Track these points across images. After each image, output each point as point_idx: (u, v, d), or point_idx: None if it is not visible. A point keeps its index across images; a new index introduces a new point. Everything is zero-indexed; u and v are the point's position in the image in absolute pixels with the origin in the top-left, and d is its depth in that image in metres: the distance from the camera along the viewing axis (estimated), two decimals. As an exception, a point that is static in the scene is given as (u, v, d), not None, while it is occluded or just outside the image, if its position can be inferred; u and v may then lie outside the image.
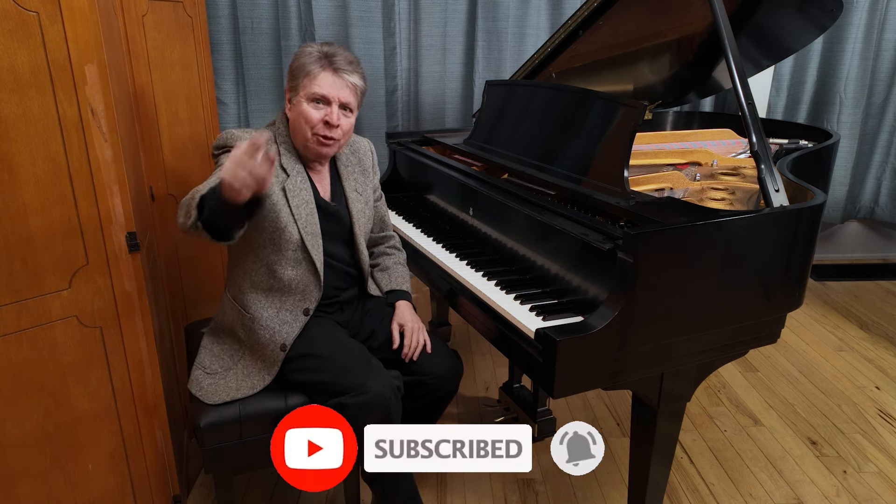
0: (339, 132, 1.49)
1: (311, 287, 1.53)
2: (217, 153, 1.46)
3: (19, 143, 1.26)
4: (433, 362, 1.60)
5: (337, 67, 1.46)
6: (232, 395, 1.46)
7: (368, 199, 1.68)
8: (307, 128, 1.47)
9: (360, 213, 1.63)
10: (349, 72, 1.47)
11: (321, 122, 1.46)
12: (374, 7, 2.95)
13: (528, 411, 2.11)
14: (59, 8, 1.24)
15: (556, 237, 1.46)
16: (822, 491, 1.91)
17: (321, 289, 1.54)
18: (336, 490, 1.89)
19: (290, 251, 1.49)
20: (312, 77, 1.45)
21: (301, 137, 1.50)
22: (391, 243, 1.81)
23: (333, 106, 1.46)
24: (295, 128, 1.51)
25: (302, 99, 1.46)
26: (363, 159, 1.69)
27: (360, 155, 1.69)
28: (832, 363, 2.67)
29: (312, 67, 1.45)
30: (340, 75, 1.46)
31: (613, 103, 1.60)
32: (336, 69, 1.46)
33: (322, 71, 1.45)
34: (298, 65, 1.47)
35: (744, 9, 2.06)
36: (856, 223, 3.83)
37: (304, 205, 1.50)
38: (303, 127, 1.47)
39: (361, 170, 1.68)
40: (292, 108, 1.50)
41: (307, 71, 1.45)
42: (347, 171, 1.64)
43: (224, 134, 1.45)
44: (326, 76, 1.45)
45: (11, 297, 1.32)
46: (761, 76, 3.22)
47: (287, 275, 1.50)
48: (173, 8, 1.97)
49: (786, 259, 1.41)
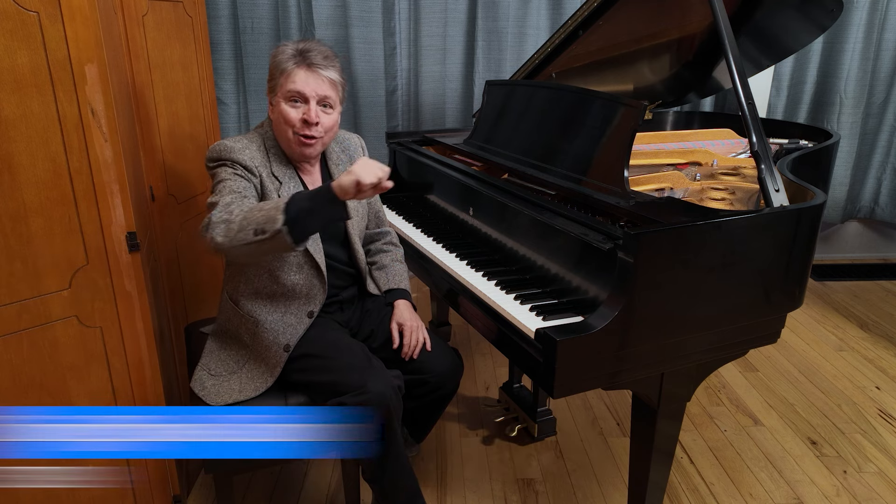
0: (319, 130, 1.47)
1: (315, 289, 1.53)
2: (213, 166, 1.45)
3: (19, 143, 1.26)
4: (433, 361, 1.60)
5: (311, 63, 1.44)
6: (235, 398, 1.46)
7: None
8: (287, 128, 1.46)
9: (353, 210, 1.62)
10: (324, 67, 1.46)
11: (300, 120, 1.45)
12: (374, 7, 2.95)
13: (529, 411, 2.11)
14: (59, 8, 1.24)
15: (557, 237, 1.46)
16: (822, 491, 1.91)
17: (326, 290, 1.54)
18: (336, 490, 1.89)
19: (292, 256, 1.49)
20: (288, 75, 1.44)
21: (284, 139, 1.49)
22: (387, 239, 1.81)
23: (311, 103, 1.45)
24: (277, 129, 1.50)
25: (280, 99, 1.46)
26: (354, 156, 1.69)
27: (350, 152, 1.69)
28: (832, 363, 2.67)
29: (287, 65, 1.45)
30: (315, 71, 1.45)
31: (613, 103, 1.60)
32: (310, 65, 1.44)
33: (297, 68, 1.44)
34: (274, 64, 1.47)
35: (744, 9, 2.06)
36: (856, 223, 3.83)
37: None
38: (283, 127, 1.47)
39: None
40: (273, 110, 1.50)
41: (282, 69, 1.45)
42: (339, 170, 1.64)
43: (217, 146, 1.44)
44: (300, 73, 1.44)
45: (11, 297, 1.32)
46: (761, 76, 3.22)
47: (291, 280, 1.50)
48: (173, 8, 1.97)
49: (786, 259, 1.41)
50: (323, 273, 1.52)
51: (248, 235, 1.23)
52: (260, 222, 1.22)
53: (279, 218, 1.19)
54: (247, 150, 1.45)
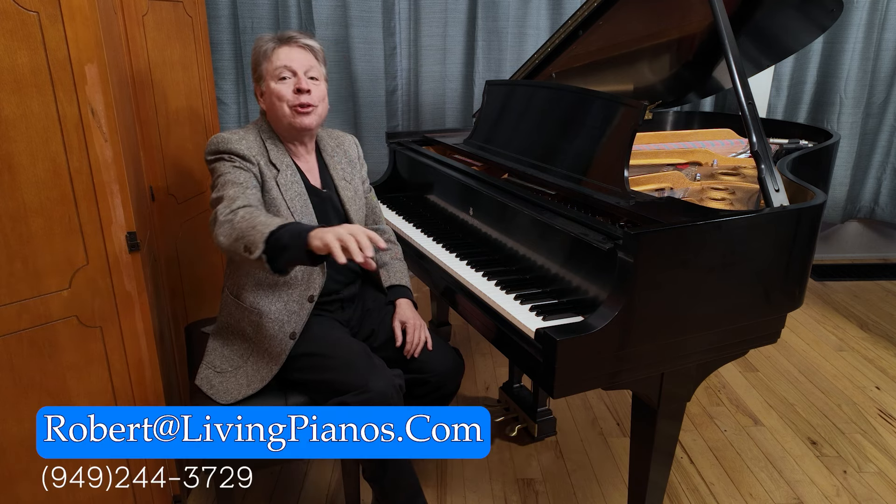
0: (314, 97, 1.51)
1: (314, 275, 1.54)
2: (212, 158, 1.48)
3: (19, 143, 1.26)
4: (434, 360, 1.60)
5: (289, 38, 1.52)
6: (243, 393, 1.47)
7: (358, 189, 1.69)
8: (282, 104, 1.50)
9: (351, 200, 1.65)
10: (302, 37, 1.53)
11: (293, 92, 1.49)
12: (374, 7, 2.95)
13: (529, 411, 2.11)
14: (59, 8, 1.24)
15: (557, 237, 1.46)
16: (822, 491, 1.91)
17: (325, 274, 1.55)
18: (336, 490, 1.89)
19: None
20: (270, 56, 1.51)
21: (280, 117, 1.52)
22: (385, 237, 1.82)
23: (300, 73, 1.50)
24: (272, 112, 1.54)
25: (269, 81, 1.51)
26: (348, 151, 1.72)
27: (345, 147, 1.72)
28: (832, 363, 2.67)
29: (267, 47, 1.51)
30: (295, 43, 1.52)
31: (613, 103, 1.60)
32: (289, 40, 1.52)
33: (277, 47, 1.51)
34: (257, 53, 1.54)
35: (744, 9, 2.06)
36: (856, 223, 3.83)
37: (298, 197, 1.52)
38: (278, 105, 1.50)
39: (348, 161, 1.70)
40: (265, 98, 1.55)
41: (264, 52, 1.51)
42: (334, 161, 1.66)
43: (215, 139, 1.48)
44: (283, 49, 1.51)
45: (11, 297, 1.32)
46: (761, 76, 3.22)
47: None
48: (173, 8, 1.97)
49: (786, 259, 1.41)
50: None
51: (239, 248, 1.27)
52: (249, 241, 1.26)
53: (260, 246, 1.23)
54: (243, 140, 1.49)
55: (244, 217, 1.32)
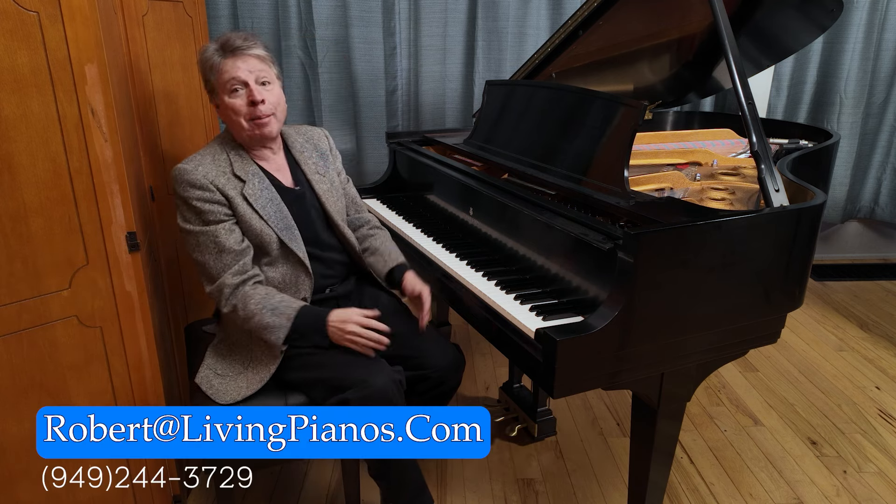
0: (268, 107, 1.50)
1: (301, 278, 1.55)
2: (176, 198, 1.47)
3: (19, 143, 1.26)
4: (435, 356, 1.61)
5: (234, 48, 1.47)
6: (243, 394, 1.47)
7: (333, 181, 1.68)
8: (239, 118, 1.49)
9: (328, 193, 1.64)
10: (247, 47, 1.49)
11: (247, 104, 1.48)
12: (374, 7, 2.95)
13: (529, 411, 2.11)
14: (59, 8, 1.24)
15: (557, 237, 1.46)
16: (822, 491, 1.91)
17: (312, 276, 1.56)
18: (336, 490, 1.89)
19: (274, 251, 1.51)
20: (218, 70, 1.48)
21: (240, 131, 1.51)
22: (372, 224, 1.83)
23: (251, 83, 1.48)
24: (231, 126, 1.52)
25: (223, 95, 1.49)
26: (318, 144, 1.70)
27: (314, 141, 1.70)
28: (832, 363, 2.67)
29: (214, 61, 1.48)
30: (240, 54, 1.48)
31: (613, 103, 1.60)
32: (234, 50, 1.47)
33: (223, 60, 1.48)
34: (203, 68, 1.51)
35: (744, 9, 2.06)
36: (856, 223, 3.83)
37: (269, 203, 1.51)
38: (235, 119, 1.49)
39: (319, 154, 1.68)
40: (221, 111, 1.53)
41: (211, 66, 1.49)
42: (304, 157, 1.65)
43: (174, 172, 1.46)
44: (228, 62, 1.47)
45: (11, 297, 1.32)
46: (761, 76, 3.22)
47: (279, 272, 1.53)
48: (173, 8, 1.97)
49: (786, 259, 1.41)
50: (303, 260, 1.54)
51: (249, 325, 1.46)
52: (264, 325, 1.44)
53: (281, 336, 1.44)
54: (199, 167, 1.46)
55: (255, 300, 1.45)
